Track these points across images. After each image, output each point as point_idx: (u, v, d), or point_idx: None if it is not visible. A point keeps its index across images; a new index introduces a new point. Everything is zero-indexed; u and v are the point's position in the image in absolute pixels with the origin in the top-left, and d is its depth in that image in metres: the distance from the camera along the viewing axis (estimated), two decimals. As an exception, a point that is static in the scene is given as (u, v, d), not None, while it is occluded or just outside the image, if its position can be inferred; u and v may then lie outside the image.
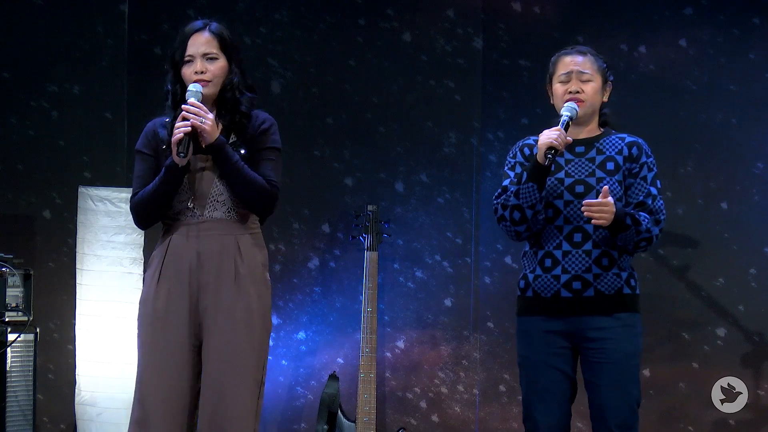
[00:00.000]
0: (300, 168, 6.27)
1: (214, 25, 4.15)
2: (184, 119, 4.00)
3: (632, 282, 4.23)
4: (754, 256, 6.02)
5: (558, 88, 4.27)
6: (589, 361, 4.19)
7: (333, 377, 5.97)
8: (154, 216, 4.17)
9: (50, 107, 6.29)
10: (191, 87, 4.07)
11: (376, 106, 6.33)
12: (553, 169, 4.19)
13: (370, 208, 6.04)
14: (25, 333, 5.66)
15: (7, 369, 5.60)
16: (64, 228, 6.20)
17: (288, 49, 6.33)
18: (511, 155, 4.34)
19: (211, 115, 4.04)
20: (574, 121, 4.20)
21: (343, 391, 6.02)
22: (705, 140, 6.08)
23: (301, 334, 6.26)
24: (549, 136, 4.09)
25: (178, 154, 3.99)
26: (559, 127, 4.13)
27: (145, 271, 4.32)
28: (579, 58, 4.27)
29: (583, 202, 4.09)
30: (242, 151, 4.11)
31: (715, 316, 6.01)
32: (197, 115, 4.00)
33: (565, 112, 4.19)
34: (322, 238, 6.29)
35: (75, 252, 5.97)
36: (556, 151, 4.08)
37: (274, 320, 6.22)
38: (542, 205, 4.16)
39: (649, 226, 4.16)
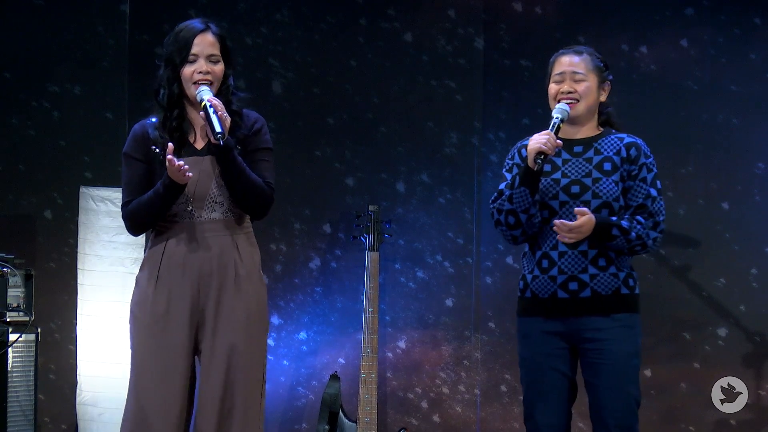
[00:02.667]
0: (301, 168, 6.28)
1: (215, 27, 4.13)
2: (209, 107, 3.94)
3: (630, 282, 4.19)
4: (755, 256, 6.02)
5: (552, 87, 4.25)
6: (588, 362, 4.17)
7: (334, 377, 5.97)
8: (151, 225, 4.12)
9: (51, 107, 6.29)
10: (204, 89, 4.02)
11: (377, 106, 6.33)
12: (549, 169, 4.17)
13: (371, 208, 6.04)
14: (27, 333, 5.66)
15: (9, 369, 5.60)
16: (66, 228, 6.19)
17: (289, 50, 6.33)
18: (509, 157, 4.31)
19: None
20: (569, 121, 4.18)
21: (345, 392, 6.02)
22: (706, 140, 6.08)
23: (303, 335, 6.26)
24: (538, 141, 4.06)
25: (216, 134, 3.90)
26: (549, 130, 4.10)
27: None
28: (575, 59, 4.24)
29: (554, 221, 4.08)
30: (238, 149, 4.08)
31: (716, 316, 6.01)
32: (223, 111, 3.97)
33: (556, 114, 4.16)
34: (324, 238, 6.29)
35: (76, 252, 5.97)
36: (546, 155, 4.06)
37: (275, 320, 6.23)
38: (536, 209, 4.15)
39: (641, 232, 4.13)
